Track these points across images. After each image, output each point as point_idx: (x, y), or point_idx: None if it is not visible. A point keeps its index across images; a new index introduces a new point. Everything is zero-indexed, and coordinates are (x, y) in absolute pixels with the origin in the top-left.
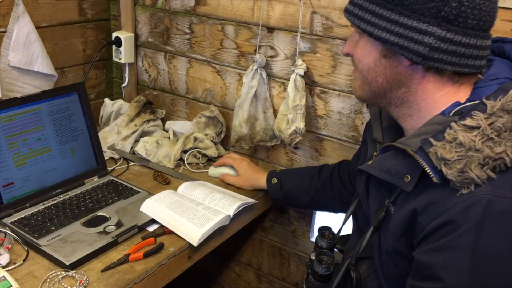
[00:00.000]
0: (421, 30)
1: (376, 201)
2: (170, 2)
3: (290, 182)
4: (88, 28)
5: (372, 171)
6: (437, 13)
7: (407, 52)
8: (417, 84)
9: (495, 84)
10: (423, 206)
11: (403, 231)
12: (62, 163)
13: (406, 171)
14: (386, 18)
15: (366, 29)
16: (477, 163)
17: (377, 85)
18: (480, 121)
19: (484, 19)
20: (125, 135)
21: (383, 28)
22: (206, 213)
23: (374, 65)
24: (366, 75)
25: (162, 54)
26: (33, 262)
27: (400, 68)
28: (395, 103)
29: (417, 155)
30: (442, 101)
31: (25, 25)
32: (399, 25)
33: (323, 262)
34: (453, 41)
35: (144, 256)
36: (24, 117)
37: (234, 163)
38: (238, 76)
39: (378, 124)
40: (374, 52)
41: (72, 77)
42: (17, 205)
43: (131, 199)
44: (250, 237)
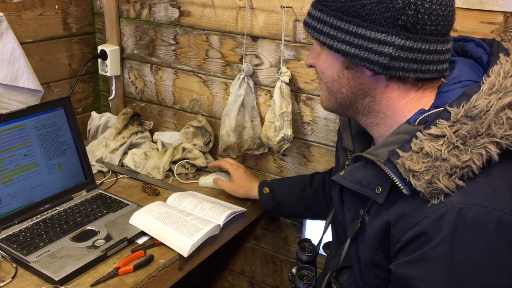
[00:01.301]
0: (380, 41)
1: (351, 211)
2: (154, 14)
3: (282, 191)
4: (73, 43)
5: (344, 182)
6: (394, 22)
7: (368, 63)
8: (381, 93)
9: (459, 88)
10: (396, 218)
11: (378, 244)
12: (49, 178)
13: (376, 182)
14: (345, 30)
15: (325, 42)
16: (445, 172)
17: (343, 96)
18: (445, 129)
19: (442, 24)
20: (113, 147)
21: (342, 41)
22: (196, 223)
23: (338, 76)
24: (331, 86)
25: (148, 65)
26: (22, 279)
27: (363, 78)
28: (361, 112)
29: (386, 167)
30: (407, 108)
31: (9, 42)
32: (358, 37)
33: (304, 278)
34: (413, 49)
35: (134, 269)
36: (10, 133)
37: (230, 168)
38: (225, 85)
39: (348, 132)
40: (336, 64)
41: (58, 91)
42: (5, 222)
43: (120, 212)
44: (242, 246)
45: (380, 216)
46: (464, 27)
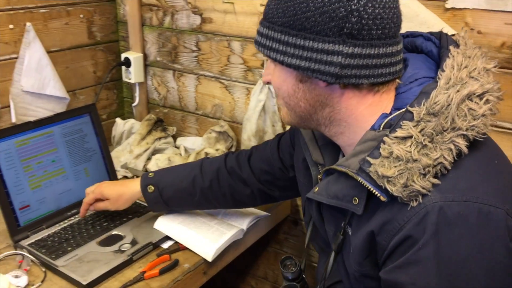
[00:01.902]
0: (328, 51)
1: (332, 225)
2: (176, 21)
3: (169, 187)
4: (98, 51)
5: (320, 198)
6: (340, 31)
7: (320, 75)
8: (338, 102)
9: (416, 86)
10: (379, 226)
11: (365, 255)
12: (76, 184)
13: (352, 194)
14: (293, 44)
15: (276, 58)
16: (418, 173)
17: (301, 110)
18: (410, 129)
19: (388, 27)
20: (137, 153)
21: (292, 55)
22: (220, 228)
23: (293, 91)
24: (288, 101)
25: (171, 72)
26: (51, 283)
27: (318, 90)
28: (323, 123)
29: (359, 176)
30: (368, 113)
31: (37, 51)
32: (306, 50)
33: None
34: (362, 55)
35: (160, 273)
36: (38, 140)
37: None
38: (246, 91)
39: (314, 144)
40: (290, 78)
41: (83, 98)
42: (34, 227)
43: (145, 216)
44: (265, 250)
45: (362, 227)
46: (489, 29)
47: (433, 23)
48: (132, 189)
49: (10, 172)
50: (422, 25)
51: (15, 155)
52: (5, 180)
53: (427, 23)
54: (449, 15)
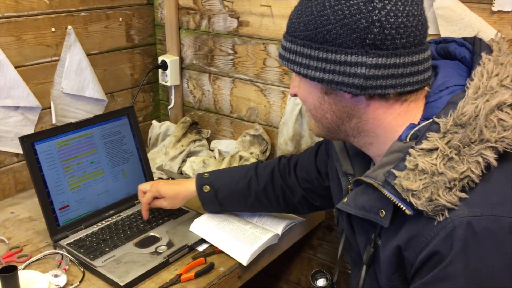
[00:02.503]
0: (351, 63)
1: (363, 237)
2: (213, 25)
3: (224, 188)
4: (136, 53)
5: (349, 209)
6: (362, 42)
7: (344, 87)
8: (365, 113)
9: (446, 95)
10: (405, 241)
11: (393, 269)
12: (114, 185)
13: (379, 206)
14: (315, 58)
15: (300, 71)
16: (444, 187)
17: (328, 121)
18: (436, 141)
19: (413, 35)
20: (172, 155)
21: (315, 68)
22: (255, 232)
23: (319, 103)
24: (315, 113)
25: (207, 75)
26: (89, 283)
27: (344, 101)
28: (352, 134)
29: (384, 189)
30: (395, 123)
31: (77, 53)
32: (329, 62)
33: None
34: (387, 65)
35: (195, 276)
36: (78, 141)
37: (150, 194)
38: (282, 94)
39: (345, 155)
40: (315, 91)
41: (121, 101)
42: (73, 227)
43: (181, 219)
44: (298, 256)
45: (390, 241)
46: None
47: (479, 26)
48: (188, 188)
49: (51, 172)
50: (467, 28)
51: (56, 156)
52: (46, 180)
53: (472, 27)
54: (496, 18)
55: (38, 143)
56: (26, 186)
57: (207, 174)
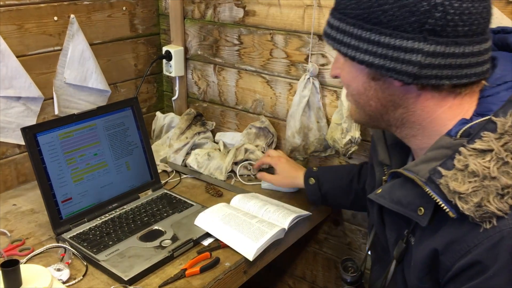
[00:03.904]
0: (406, 49)
1: (394, 231)
2: (219, 14)
3: (328, 183)
4: (139, 43)
5: (382, 201)
6: (421, 27)
7: (395, 74)
8: (414, 103)
9: (504, 91)
10: (444, 245)
11: (426, 271)
12: (117, 177)
13: (418, 203)
14: (367, 40)
15: (347, 53)
16: (496, 193)
17: (371, 109)
18: (491, 142)
19: (476, 23)
20: (176, 147)
21: (365, 51)
22: (261, 227)
23: (364, 89)
24: (358, 99)
25: (212, 66)
26: (92, 278)
27: (392, 89)
28: (395, 124)
29: (428, 187)
30: (445, 117)
31: (80, 43)
32: (382, 46)
33: None
34: (445, 54)
35: (201, 271)
36: (81, 133)
37: (271, 161)
38: (289, 86)
39: (383, 143)
40: (361, 75)
41: (124, 92)
42: (76, 220)
43: (185, 212)
44: (303, 250)
45: (425, 242)
46: None
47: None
48: (298, 176)
49: (53, 164)
50: None
51: (58, 147)
52: (48, 172)
53: None
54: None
55: (40, 135)
56: (28, 178)
57: (316, 168)
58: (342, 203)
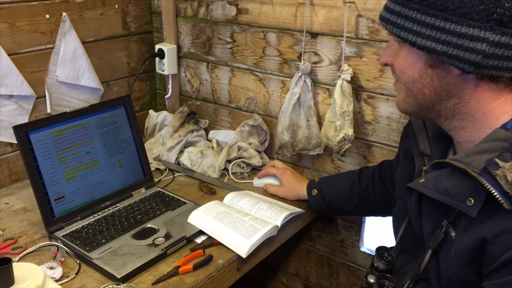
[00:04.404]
0: (472, 37)
1: (431, 221)
2: (211, 12)
3: (331, 192)
4: (132, 41)
5: (426, 191)
6: (488, 16)
7: (457, 61)
8: (469, 94)
9: None
10: (494, 235)
11: (469, 260)
12: (110, 175)
13: (468, 194)
14: (430, 26)
15: (408, 38)
16: None
17: (424, 98)
18: None
19: None
20: (170, 146)
21: (428, 37)
22: (254, 224)
23: (420, 76)
24: (411, 87)
25: (204, 64)
26: (85, 275)
27: (449, 78)
28: (445, 115)
29: (482, 178)
30: (499, 111)
31: (72, 41)
32: (446, 33)
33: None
34: (509, 45)
35: (194, 268)
36: (74, 131)
37: (277, 172)
38: (282, 84)
39: (424, 135)
40: (419, 62)
41: (117, 90)
42: (68, 218)
43: (178, 210)
44: (297, 247)
45: (471, 231)
46: None
47: None
48: (302, 188)
49: (46, 162)
50: None
51: (51, 145)
52: (41, 171)
53: None
54: None
55: (32, 133)
56: (21, 176)
57: (317, 179)
58: (347, 209)
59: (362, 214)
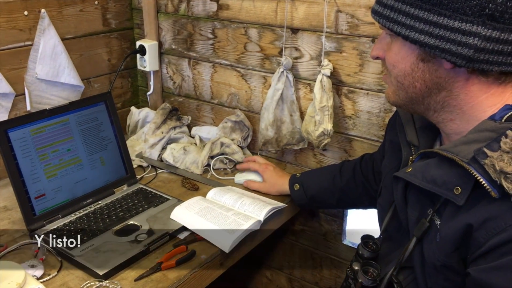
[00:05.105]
0: (464, 31)
1: (416, 210)
2: (192, 8)
3: (313, 186)
4: (112, 38)
5: (413, 179)
6: (481, 11)
7: (449, 55)
8: (459, 87)
9: None
10: (480, 221)
11: (455, 247)
12: (92, 173)
13: (456, 183)
14: (424, 20)
15: (401, 32)
16: None
17: (415, 91)
18: None
19: None
20: (152, 142)
21: (421, 31)
22: (237, 219)
23: (411, 70)
24: (402, 80)
25: (186, 60)
26: (67, 273)
27: (440, 71)
28: (433, 108)
29: (470, 166)
30: (487, 103)
31: (51, 38)
32: (439, 27)
33: (369, 274)
34: (500, 40)
35: (177, 264)
36: (54, 128)
37: (259, 168)
38: (263, 79)
39: (411, 126)
40: (411, 56)
41: (98, 87)
42: (49, 216)
43: (161, 206)
44: (280, 242)
45: (457, 218)
46: None
47: None
48: (284, 183)
49: (25, 160)
50: None
51: (30, 143)
52: (20, 169)
53: None
54: None
55: (11, 131)
56: (1, 175)
57: (299, 174)
58: (329, 202)
59: (344, 207)
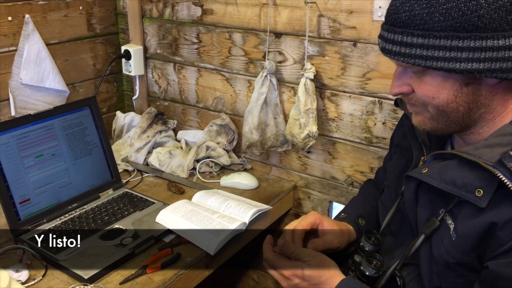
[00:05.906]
0: (509, 47)
1: (427, 209)
2: (177, 13)
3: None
4: (97, 43)
5: (430, 180)
6: None
7: (500, 73)
8: (497, 99)
9: None
10: (505, 220)
11: (475, 245)
12: (77, 177)
13: (477, 185)
14: (466, 48)
15: (443, 67)
16: None
17: (458, 115)
18: None
19: None
20: (138, 147)
21: (466, 60)
22: (222, 221)
23: (455, 96)
24: (445, 108)
25: (171, 64)
26: (52, 277)
27: (482, 89)
28: (468, 125)
29: (497, 170)
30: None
31: (36, 43)
32: (484, 50)
33: (373, 264)
34: None
35: (162, 267)
36: (38, 133)
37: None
38: (248, 83)
39: None
40: (452, 84)
41: (83, 92)
42: (34, 221)
43: (147, 210)
44: None
45: (478, 217)
46: None
47: None
48: (347, 226)
49: (10, 165)
50: None
51: (15, 148)
52: (5, 174)
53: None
54: None
55: None
56: None
57: (343, 214)
58: None
59: None
